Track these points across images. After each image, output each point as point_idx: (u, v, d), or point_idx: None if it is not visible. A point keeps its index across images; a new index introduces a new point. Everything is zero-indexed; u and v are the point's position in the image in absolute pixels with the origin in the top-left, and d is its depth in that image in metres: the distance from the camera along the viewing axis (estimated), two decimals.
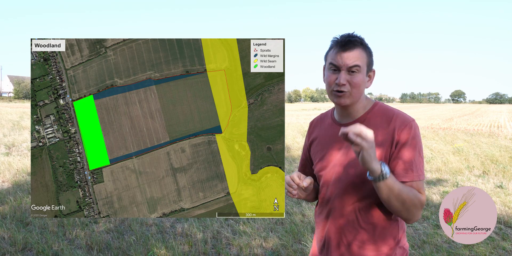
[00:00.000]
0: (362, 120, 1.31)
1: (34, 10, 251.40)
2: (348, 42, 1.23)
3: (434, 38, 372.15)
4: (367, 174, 1.15)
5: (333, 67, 1.26)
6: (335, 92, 1.26)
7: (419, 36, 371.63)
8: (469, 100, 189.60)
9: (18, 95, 75.78)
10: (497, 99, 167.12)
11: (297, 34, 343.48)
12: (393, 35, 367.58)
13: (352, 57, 1.23)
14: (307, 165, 1.53)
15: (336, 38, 1.28)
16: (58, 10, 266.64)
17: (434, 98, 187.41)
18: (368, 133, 1.08)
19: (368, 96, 1.39)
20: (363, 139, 1.07)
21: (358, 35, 1.27)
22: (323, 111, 1.56)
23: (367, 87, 1.31)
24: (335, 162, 1.33)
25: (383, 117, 1.29)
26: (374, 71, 1.33)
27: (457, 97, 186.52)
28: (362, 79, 1.26)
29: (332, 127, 1.39)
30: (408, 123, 1.24)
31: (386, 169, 1.12)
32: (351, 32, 1.28)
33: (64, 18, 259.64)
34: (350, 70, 1.23)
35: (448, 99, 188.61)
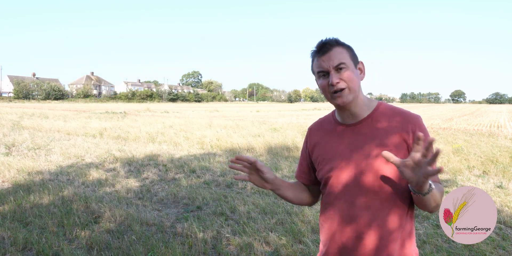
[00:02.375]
0: (369, 120, 1.30)
1: (34, 10, 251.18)
2: (323, 45, 1.27)
3: (434, 38, 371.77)
4: (411, 190, 1.17)
5: (322, 73, 1.27)
6: (332, 94, 1.26)
7: (419, 36, 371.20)
8: (469, 100, 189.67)
9: (18, 95, 75.76)
10: (497, 99, 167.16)
11: (297, 34, 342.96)
12: (393, 35, 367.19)
13: (333, 56, 1.25)
14: (305, 171, 1.49)
15: (313, 49, 1.31)
16: (58, 10, 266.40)
17: (434, 98, 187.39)
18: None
19: (368, 95, 1.39)
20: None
21: (330, 37, 1.29)
22: (322, 111, 1.55)
23: (361, 80, 1.32)
24: (346, 164, 1.30)
25: (391, 115, 1.29)
26: (362, 63, 1.33)
27: (457, 97, 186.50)
28: (354, 73, 1.27)
29: (337, 129, 1.36)
30: (420, 119, 1.29)
31: (431, 183, 1.14)
32: (322, 38, 1.30)
33: (64, 18, 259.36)
34: (338, 68, 1.24)
35: (448, 99, 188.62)
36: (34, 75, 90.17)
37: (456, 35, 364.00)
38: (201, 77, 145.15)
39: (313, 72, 1.33)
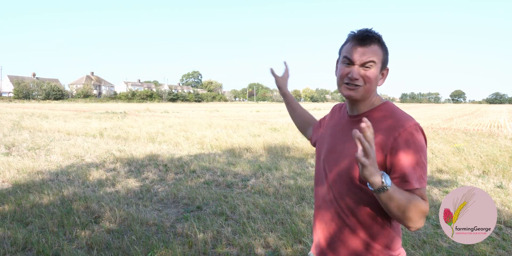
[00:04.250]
0: (364, 116, 1.30)
1: (34, 10, 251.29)
2: (366, 37, 1.22)
3: (434, 38, 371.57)
4: (367, 184, 1.11)
5: (347, 61, 1.24)
6: (345, 84, 1.25)
7: (419, 36, 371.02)
8: (469, 100, 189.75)
9: (18, 95, 75.71)
10: (497, 99, 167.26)
11: (297, 34, 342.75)
12: (393, 35, 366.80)
13: (368, 52, 1.21)
14: (316, 125, 1.66)
15: (353, 32, 1.26)
16: (58, 10, 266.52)
17: (434, 98, 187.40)
18: (372, 151, 1.04)
19: None
20: (367, 156, 1.03)
21: (376, 31, 1.24)
22: (322, 111, 1.59)
23: (379, 85, 1.29)
24: (334, 153, 1.33)
25: (386, 117, 1.26)
26: (387, 70, 1.31)
27: (457, 97, 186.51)
28: (376, 75, 1.24)
29: (342, 117, 1.41)
30: (410, 127, 1.19)
31: (387, 181, 1.07)
32: (369, 28, 1.25)
33: (64, 18, 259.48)
34: (365, 65, 1.22)
35: (448, 99, 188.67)
36: (34, 75, 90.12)
37: (456, 35, 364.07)
38: (201, 77, 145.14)
39: (340, 52, 1.30)
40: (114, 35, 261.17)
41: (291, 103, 1.88)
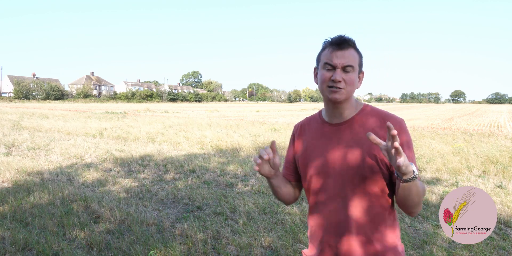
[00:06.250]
0: (353, 121, 1.34)
1: (34, 9, 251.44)
2: (343, 42, 1.28)
3: (434, 38, 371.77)
4: (396, 175, 1.16)
5: (328, 67, 1.28)
6: (329, 88, 1.28)
7: (419, 36, 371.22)
8: (469, 100, 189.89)
9: (18, 95, 75.77)
10: (497, 99, 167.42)
11: (297, 34, 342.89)
12: (393, 35, 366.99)
13: (347, 56, 1.27)
14: (290, 168, 1.50)
15: (328, 39, 1.32)
16: (58, 10, 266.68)
17: (434, 98, 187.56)
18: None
19: (368, 95, 1.40)
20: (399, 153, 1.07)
21: (350, 37, 1.31)
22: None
23: (357, 88, 1.34)
24: (331, 162, 1.32)
25: (375, 118, 1.32)
26: (363, 73, 1.37)
27: (457, 97, 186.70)
28: (356, 78, 1.30)
29: (323, 128, 1.39)
30: (402, 123, 1.30)
31: (415, 169, 1.13)
32: (342, 34, 1.31)
33: (64, 17, 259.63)
34: (345, 69, 1.27)
35: (448, 99, 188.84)
36: (34, 75, 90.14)
37: (456, 35, 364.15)
38: (201, 77, 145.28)
39: (318, 60, 1.34)
40: (114, 35, 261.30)
41: (282, 178, 1.47)
